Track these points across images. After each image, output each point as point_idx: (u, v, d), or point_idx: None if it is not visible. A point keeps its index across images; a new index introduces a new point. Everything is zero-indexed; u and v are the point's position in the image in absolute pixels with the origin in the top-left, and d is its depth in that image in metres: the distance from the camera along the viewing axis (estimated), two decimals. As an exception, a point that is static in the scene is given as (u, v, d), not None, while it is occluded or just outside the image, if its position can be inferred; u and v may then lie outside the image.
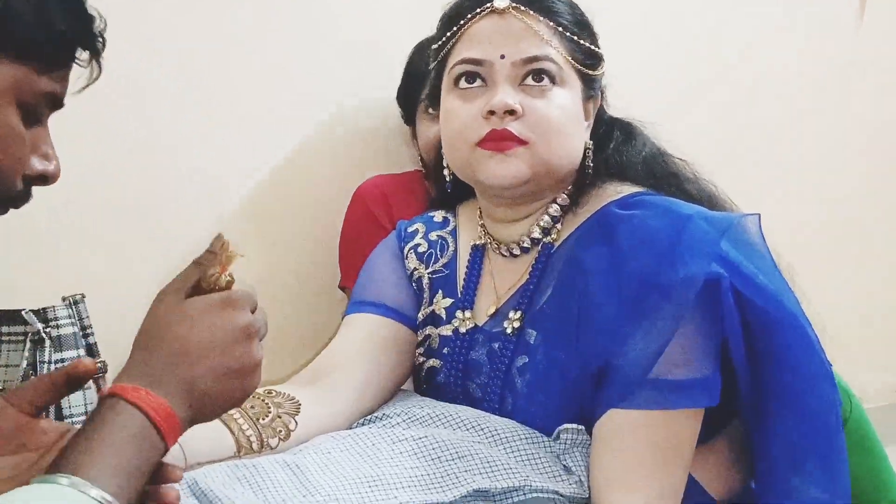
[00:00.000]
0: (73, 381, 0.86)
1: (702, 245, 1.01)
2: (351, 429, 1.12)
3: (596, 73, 1.16)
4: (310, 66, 1.79)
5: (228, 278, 0.83)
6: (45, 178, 0.85)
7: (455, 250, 1.25)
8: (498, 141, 1.08)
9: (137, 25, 1.56)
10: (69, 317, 1.31)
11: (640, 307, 1.02)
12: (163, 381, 0.78)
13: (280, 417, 1.03)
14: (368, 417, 1.14)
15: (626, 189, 1.14)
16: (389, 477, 0.97)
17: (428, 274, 1.24)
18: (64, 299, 1.33)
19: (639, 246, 1.04)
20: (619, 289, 1.04)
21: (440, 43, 1.15)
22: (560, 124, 1.10)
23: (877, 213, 2.42)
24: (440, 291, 1.23)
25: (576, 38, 1.13)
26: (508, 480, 0.99)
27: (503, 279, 1.18)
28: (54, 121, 0.86)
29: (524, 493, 0.99)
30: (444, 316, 1.21)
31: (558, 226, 1.16)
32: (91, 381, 1.24)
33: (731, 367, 1.04)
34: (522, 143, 1.08)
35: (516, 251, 1.17)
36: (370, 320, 1.22)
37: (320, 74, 1.79)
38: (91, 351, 1.36)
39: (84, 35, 0.84)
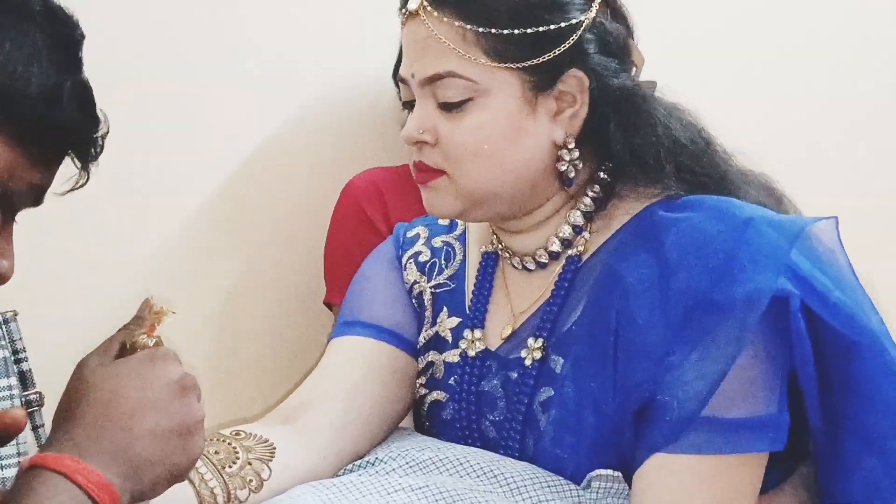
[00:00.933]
0: (3, 432, 0.85)
1: (768, 255, 0.96)
2: (336, 476, 1.05)
3: (547, 56, 1.05)
4: (291, 37, 1.71)
5: (155, 339, 0.83)
6: None
7: (463, 259, 1.19)
8: (418, 173, 1.08)
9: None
10: None
11: (692, 330, 0.97)
12: (91, 450, 0.76)
13: (250, 464, 0.97)
14: (358, 463, 1.08)
15: (660, 191, 1.07)
16: (384, 537, 0.91)
17: (430, 288, 1.18)
18: (-9, 316, 1.31)
19: (690, 256, 0.99)
20: (666, 307, 0.99)
21: None
22: (476, 148, 1.04)
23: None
24: (445, 309, 1.16)
25: (504, 30, 1.04)
26: (530, 540, 0.93)
27: (520, 295, 1.12)
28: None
29: (550, 556, 0.94)
30: (449, 339, 1.14)
31: (585, 235, 1.09)
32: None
33: (801, 403, 0.99)
34: (441, 173, 1.06)
35: (537, 263, 1.11)
36: (361, 344, 1.16)
37: (304, 47, 1.72)
38: (25, 379, 1.31)
39: (87, 135, 0.85)
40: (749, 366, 0.95)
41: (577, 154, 1.07)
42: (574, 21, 1.05)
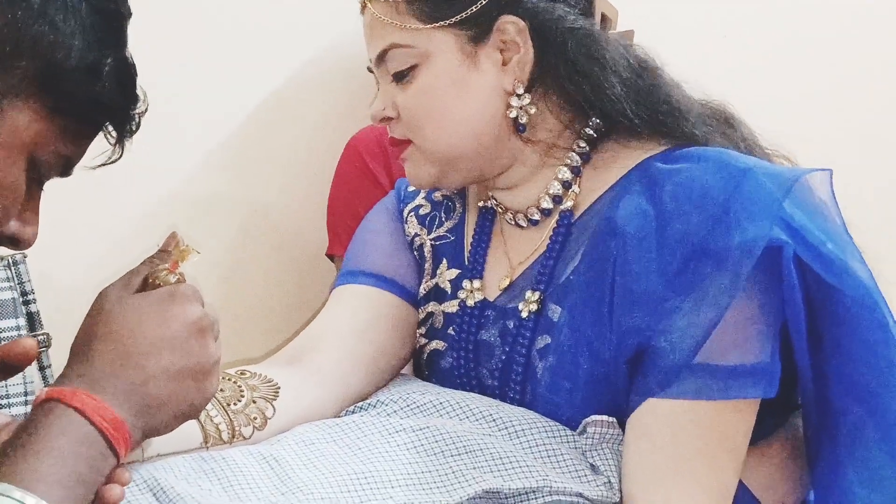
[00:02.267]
0: (10, 364, 0.87)
1: (762, 205, 0.98)
2: (340, 417, 1.09)
3: (474, 7, 1.07)
4: None
5: (178, 276, 0.85)
6: (16, 242, 0.86)
7: (463, 213, 1.22)
8: (392, 148, 1.15)
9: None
10: (7, 279, 1.29)
11: (688, 278, 0.98)
12: (107, 385, 0.78)
13: (255, 402, 1.00)
14: (360, 405, 1.11)
15: (657, 144, 1.09)
16: (383, 473, 0.94)
17: (430, 240, 1.21)
18: (0, 259, 1.30)
19: (686, 205, 1.00)
20: (661, 256, 1.00)
21: None
22: (428, 110, 1.09)
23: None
24: (445, 260, 1.19)
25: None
26: (524, 480, 0.96)
27: (517, 248, 1.15)
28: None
29: (542, 496, 0.96)
30: (448, 290, 1.18)
31: (575, 189, 1.12)
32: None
33: (791, 353, 1.01)
34: (408, 142, 1.11)
35: (533, 218, 1.14)
36: (364, 293, 1.19)
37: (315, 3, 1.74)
38: (32, 320, 1.34)
39: (125, 112, 0.87)
40: (742, 314, 0.97)
41: (527, 100, 1.09)
42: None
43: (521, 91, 1.09)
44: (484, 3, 1.06)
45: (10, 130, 0.79)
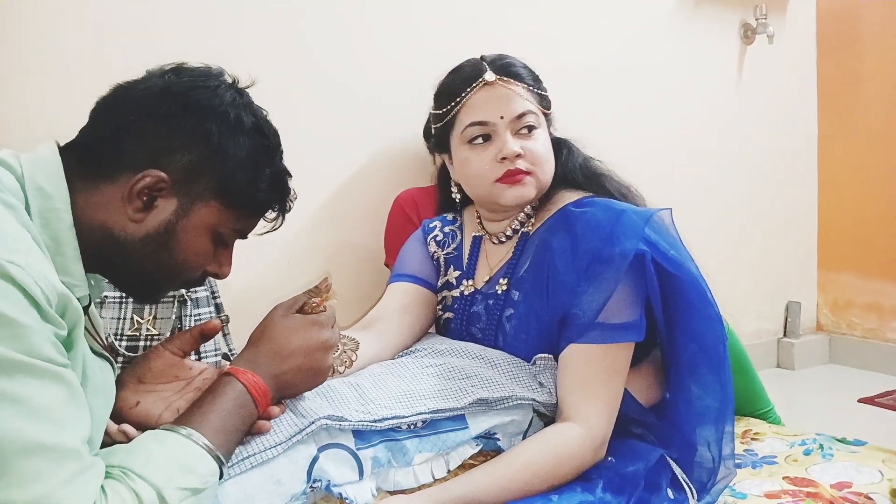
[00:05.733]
0: (207, 334, 0.88)
1: (632, 230, 0.99)
2: (394, 359, 1.09)
3: (550, 112, 1.12)
4: (370, 103, 1.72)
5: (323, 309, 0.84)
6: (217, 276, 0.83)
7: (461, 239, 1.21)
8: (512, 177, 1.05)
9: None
10: (203, 284, 1.25)
11: (590, 274, 0.99)
12: (262, 369, 0.80)
13: (346, 353, 0.99)
14: (405, 351, 1.11)
15: (576, 194, 1.11)
16: (420, 391, 0.95)
17: (444, 255, 1.21)
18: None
19: (589, 232, 1.02)
20: (575, 261, 1.01)
21: (444, 111, 1.11)
22: (547, 154, 1.08)
23: (753, 212, 2.37)
24: (451, 266, 1.19)
25: (538, 91, 1.10)
26: (501, 392, 0.97)
27: (493, 258, 1.15)
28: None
29: (512, 401, 0.98)
30: (454, 283, 1.18)
31: (532, 220, 1.12)
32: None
33: (653, 314, 1.02)
34: (528, 174, 1.05)
35: (503, 239, 1.14)
36: (406, 286, 1.19)
37: (376, 112, 1.72)
38: (218, 308, 1.32)
39: (281, 203, 0.83)
40: (623, 293, 0.98)
41: None
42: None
43: None
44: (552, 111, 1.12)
45: (199, 220, 0.76)
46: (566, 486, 0.93)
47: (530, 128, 1.06)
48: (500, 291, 1.10)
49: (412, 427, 0.90)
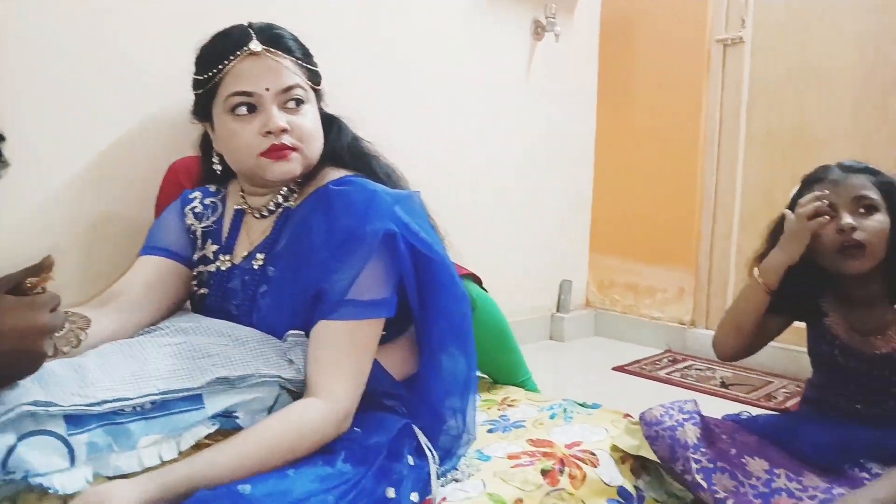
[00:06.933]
0: None
1: (383, 210, 1.01)
2: (133, 338, 1.02)
3: (320, 87, 1.11)
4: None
5: (41, 290, 0.78)
6: None
7: (223, 212, 1.17)
8: (278, 151, 1.03)
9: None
10: None
11: (343, 251, 1.00)
12: None
13: (73, 331, 0.91)
14: (146, 330, 1.05)
15: (340, 172, 1.10)
16: (152, 371, 0.90)
17: (201, 228, 1.16)
18: None
19: (344, 210, 1.02)
20: (329, 239, 1.01)
21: (205, 77, 1.06)
22: (316, 131, 1.07)
23: (535, 199, 2.52)
24: (209, 240, 1.15)
25: (307, 65, 1.08)
26: (244, 370, 0.94)
27: (254, 233, 1.12)
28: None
29: (255, 379, 0.96)
30: (211, 257, 1.14)
31: (294, 195, 1.11)
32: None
33: (407, 293, 1.04)
34: (294, 149, 1.04)
35: (265, 213, 1.11)
36: (155, 260, 1.13)
37: (151, 74, 1.58)
38: None
39: None
40: (374, 271, 0.99)
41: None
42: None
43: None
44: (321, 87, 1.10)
45: None
46: (306, 460, 0.93)
47: (298, 101, 1.04)
48: (256, 267, 1.08)
49: (138, 409, 0.86)
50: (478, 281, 1.67)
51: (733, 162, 2.36)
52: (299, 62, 1.06)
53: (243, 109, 1.03)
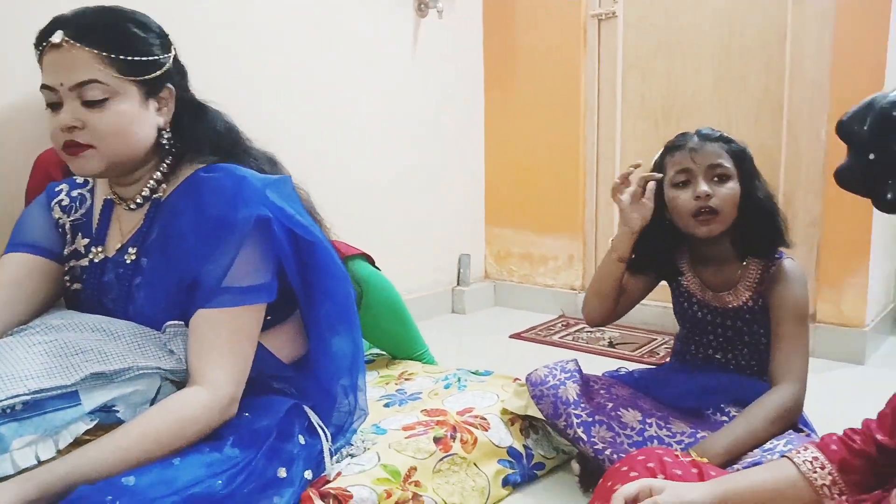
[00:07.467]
0: None
1: (254, 195, 1.01)
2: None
3: (153, 75, 1.02)
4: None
5: None
6: None
7: (92, 203, 1.13)
8: (70, 149, 0.99)
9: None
10: None
11: (214, 238, 1.00)
12: None
13: None
14: (15, 329, 1.01)
15: (210, 160, 1.08)
16: (22, 371, 0.88)
17: (70, 221, 1.12)
18: None
19: (214, 197, 1.01)
20: (200, 226, 1.00)
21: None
22: (118, 128, 0.99)
23: (429, 175, 2.54)
24: (80, 234, 1.11)
25: (121, 57, 0.98)
26: (120, 364, 0.94)
27: (126, 225, 1.09)
28: None
29: (133, 372, 0.95)
30: (83, 251, 1.10)
31: (164, 186, 1.08)
32: None
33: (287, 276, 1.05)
34: (89, 147, 0.98)
35: (133, 206, 1.08)
36: (21, 258, 1.08)
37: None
38: None
39: None
40: (249, 257, 0.99)
41: (170, 135, 1.07)
42: (162, 57, 1.04)
43: (167, 129, 1.07)
44: (157, 75, 1.02)
45: None
46: (193, 448, 0.93)
47: (97, 98, 0.97)
48: (129, 261, 1.06)
49: (7, 411, 0.84)
50: (370, 260, 1.70)
51: (612, 131, 2.49)
52: (107, 55, 0.97)
53: (48, 103, 1.00)
